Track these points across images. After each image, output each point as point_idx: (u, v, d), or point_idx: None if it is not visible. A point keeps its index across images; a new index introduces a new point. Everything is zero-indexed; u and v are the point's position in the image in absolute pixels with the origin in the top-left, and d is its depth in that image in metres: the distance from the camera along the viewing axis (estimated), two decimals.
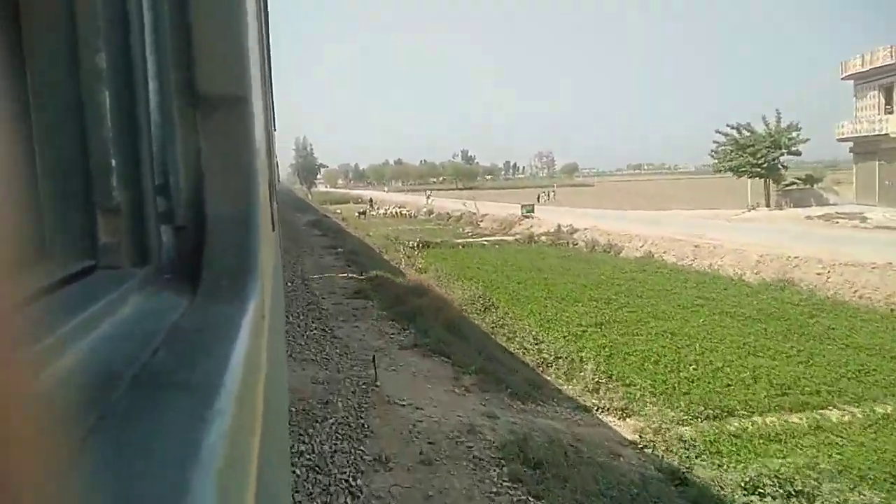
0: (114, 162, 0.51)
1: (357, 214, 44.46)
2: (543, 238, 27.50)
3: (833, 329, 11.89)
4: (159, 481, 0.29)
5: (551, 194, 60.71)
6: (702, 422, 7.80)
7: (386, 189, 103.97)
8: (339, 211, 48.51)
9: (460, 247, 25.73)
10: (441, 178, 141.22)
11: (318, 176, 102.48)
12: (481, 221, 37.43)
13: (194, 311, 0.51)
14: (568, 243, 26.00)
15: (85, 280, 0.47)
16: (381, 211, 48.82)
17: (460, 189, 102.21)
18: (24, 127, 0.48)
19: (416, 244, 24.26)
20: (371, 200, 56.99)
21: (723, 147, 36.98)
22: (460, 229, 35.70)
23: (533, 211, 34.11)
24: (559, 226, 28.84)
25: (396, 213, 47.59)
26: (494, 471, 4.90)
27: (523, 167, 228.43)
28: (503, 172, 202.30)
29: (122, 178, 0.51)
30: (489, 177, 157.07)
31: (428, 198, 55.95)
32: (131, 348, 0.41)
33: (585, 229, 26.89)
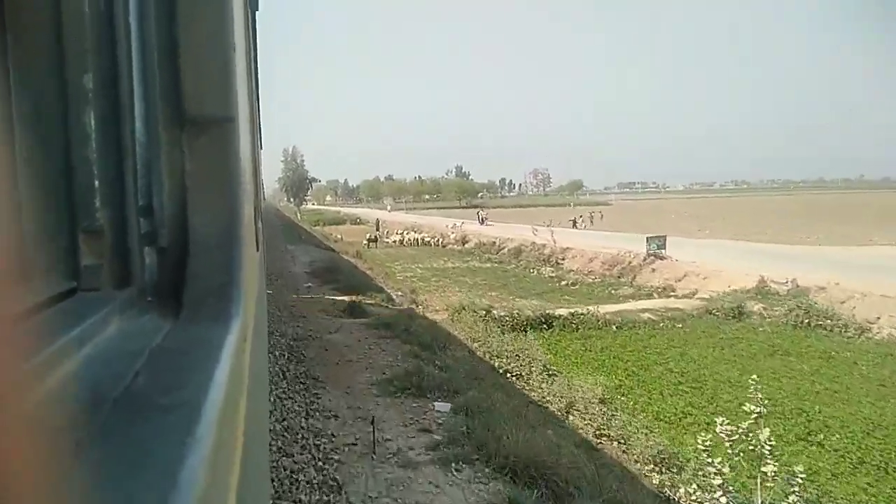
0: (97, 183, 0.51)
1: (366, 243, 34.82)
2: (756, 307, 14.87)
3: None
4: None
5: (593, 216, 46.21)
6: None
7: (389, 208, 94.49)
8: (339, 237, 39.30)
9: (614, 328, 13.63)
10: (434, 195, 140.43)
11: (310, 191, 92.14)
12: (562, 259, 24.97)
13: (177, 333, 0.51)
14: (845, 328, 13.54)
15: (66, 303, 0.48)
16: (395, 238, 37.85)
17: (464, 207, 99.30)
18: (7, 146, 0.48)
19: (524, 321, 13.44)
20: (378, 222, 47.99)
21: None
22: (533, 272, 23.79)
23: (664, 247, 21.70)
24: (764, 279, 16.38)
25: (416, 240, 36.86)
26: None
27: (518, 184, 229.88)
28: (499, 189, 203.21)
29: (105, 199, 0.52)
30: (480, 194, 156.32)
31: (482, 221, 43.65)
32: (113, 371, 0.41)
33: (822, 289, 15.19)
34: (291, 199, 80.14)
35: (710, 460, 5.38)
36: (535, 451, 5.08)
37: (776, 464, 5.39)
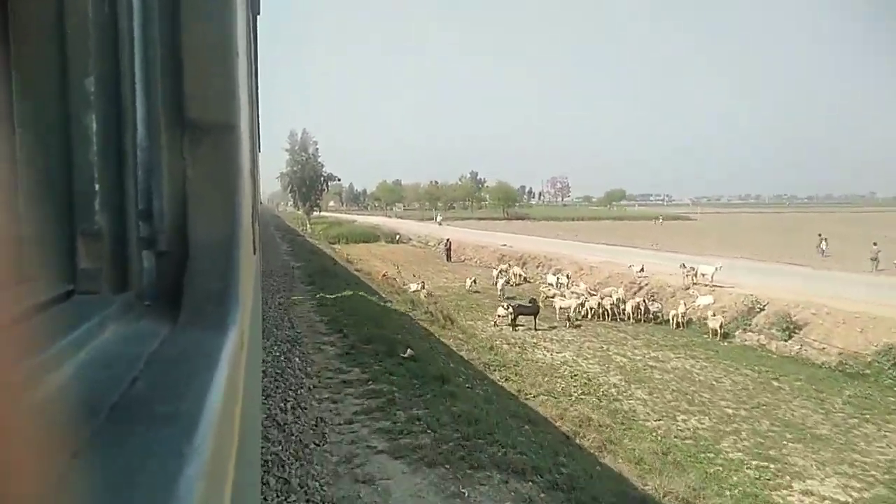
0: (97, 186, 0.52)
1: (504, 318, 16.92)
2: None
3: None
4: None
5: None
6: None
7: (439, 220, 71.98)
8: (421, 286, 19.95)
9: None
10: (451, 204, 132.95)
11: (325, 193, 64.03)
12: None
13: (174, 339, 0.52)
14: None
15: (63, 305, 0.48)
16: (573, 300, 18.82)
17: (508, 219, 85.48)
18: (8, 148, 0.49)
19: None
20: (449, 245, 32.90)
21: None
22: None
23: None
24: None
25: (612, 307, 18.53)
26: None
27: (538, 192, 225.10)
28: (520, 198, 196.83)
29: (105, 202, 0.52)
30: (518, 203, 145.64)
31: None
32: (109, 377, 0.41)
33: None
34: (299, 204, 57.58)
35: None
36: None
37: None
